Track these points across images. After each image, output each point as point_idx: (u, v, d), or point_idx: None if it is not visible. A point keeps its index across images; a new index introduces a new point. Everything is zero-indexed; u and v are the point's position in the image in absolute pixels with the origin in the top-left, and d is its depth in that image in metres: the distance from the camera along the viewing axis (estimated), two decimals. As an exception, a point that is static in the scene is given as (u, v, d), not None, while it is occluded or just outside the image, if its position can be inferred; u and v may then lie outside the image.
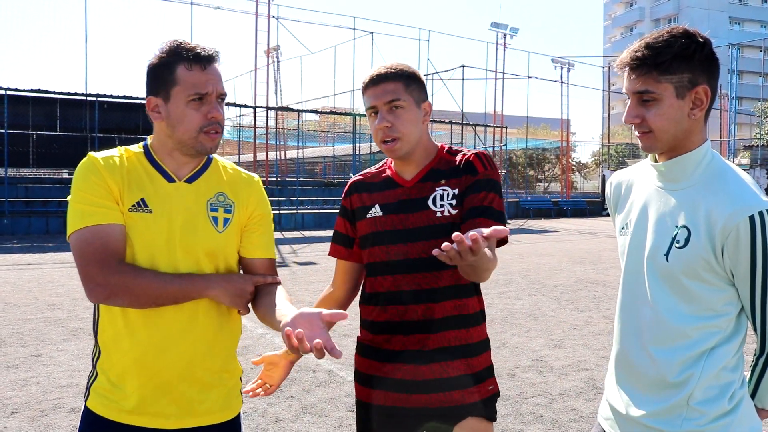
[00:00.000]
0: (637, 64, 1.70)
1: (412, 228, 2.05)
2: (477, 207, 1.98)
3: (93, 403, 1.88)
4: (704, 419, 1.70)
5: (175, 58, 1.85)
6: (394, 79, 2.03)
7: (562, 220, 31.90)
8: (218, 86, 1.86)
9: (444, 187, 2.06)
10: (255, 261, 1.99)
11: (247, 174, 2.07)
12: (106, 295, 1.77)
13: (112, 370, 1.86)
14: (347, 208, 2.23)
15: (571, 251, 16.57)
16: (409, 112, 2.04)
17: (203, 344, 1.89)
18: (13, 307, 8.46)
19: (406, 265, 2.05)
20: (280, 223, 23.00)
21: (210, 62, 1.86)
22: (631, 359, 1.84)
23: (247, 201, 2.00)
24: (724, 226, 1.64)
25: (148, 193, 1.86)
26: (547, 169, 58.39)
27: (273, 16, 28.39)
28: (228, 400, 1.97)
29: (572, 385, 5.48)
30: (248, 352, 6.37)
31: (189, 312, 1.85)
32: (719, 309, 1.71)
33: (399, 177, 2.14)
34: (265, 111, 27.45)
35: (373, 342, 2.13)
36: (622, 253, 1.91)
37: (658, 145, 1.75)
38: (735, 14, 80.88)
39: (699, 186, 1.73)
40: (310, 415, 4.69)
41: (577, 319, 8.17)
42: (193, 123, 1.84)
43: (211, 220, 1.91)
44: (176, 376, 1.86)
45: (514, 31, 37.95)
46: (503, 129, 33.90)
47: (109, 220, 1.80)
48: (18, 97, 21.10)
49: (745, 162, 37.75)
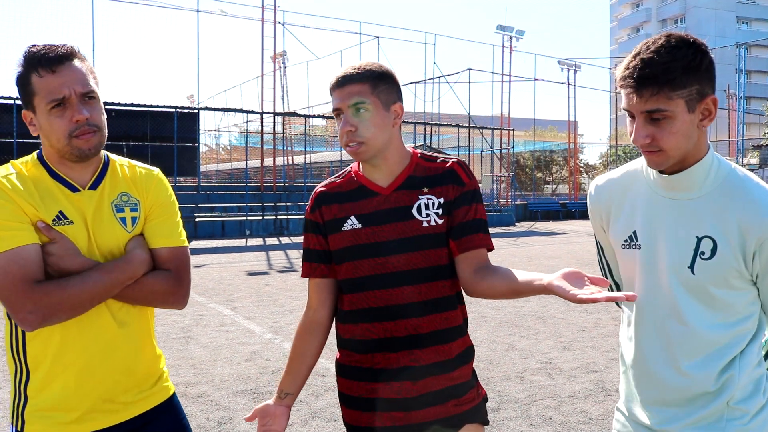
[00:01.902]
0: (645, 83, 1.58)
1: (399, 239, 1.96)
2: (469, 222, 1.98)
3: (33, 428, 1.80)
4: (747, 417, 1.70)
5: (27, 67, 1.77)
6: (359, 80, 1.93)
7: (570, 222, 31.81)
8: (76, 86, 1.76)
9: (428, 195, 1.99)
10: (160, 250, 1.93)
11: (145, 168, 2.03)
12: (41, 319, 1.69)
13: (49, 391, 1.80)
14: (318, 223, 2.06)
15: (579, 253, 16.51)
16: (375, 116, 1.94)
17: (140, 338, 1.92)
18: None
19: (394, 279, 1.95)
20: (288, 228, 23.04)
21: (60, 63, 1.76)
22: (659, 377, 1.77)
23: (147, 194, 1.97)
24: (761, 235, 1.62)
25: (63, 205, 1.81)
26: (555, 171, 58.29)
27: (279, 22, 28.47)
28: (165, 378, 2.05)
29: (581, 387, 5.46)
30: (257, 357, 6.39)
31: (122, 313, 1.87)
32: (745, 311, 1.71)
33: (373, 184, 2.02)
34: (272, 117, 27.53)
35: (360, 362, 2.01)
36: (628, 267, 1.84)
37: (668, 163, 1.68)
38: (742, 14, 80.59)
39: (716, 194, 1.68)
40: (319, 420, 4.69)
41: (585, 321, 8.14)
42: (60, 131, 1.77)
43: (119, 221, 1.89)
44: (123, 377, 1.88)
45: (520, 34, 37.93)
46: (510, 131, 33.87)
47: (21, 242, 1.71)
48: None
49: (754, 162, 37.55)
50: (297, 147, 40.60)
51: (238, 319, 8.25)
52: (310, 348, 2.10)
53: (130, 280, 1.83)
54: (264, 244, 19.40)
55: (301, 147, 38.34)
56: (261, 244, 19.37)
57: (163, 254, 1.93)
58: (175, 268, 1.93)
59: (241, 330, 7.64)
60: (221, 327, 7.75)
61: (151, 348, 2.00)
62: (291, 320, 8.15)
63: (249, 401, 5.10)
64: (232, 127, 47.89)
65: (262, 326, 7.85)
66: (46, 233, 1.76)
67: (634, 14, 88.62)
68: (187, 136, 23.58)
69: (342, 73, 1.96)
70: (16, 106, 19.68)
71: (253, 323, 8.01)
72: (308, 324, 2.11)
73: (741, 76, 37.72)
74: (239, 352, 6.62)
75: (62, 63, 1.77)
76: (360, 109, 1.92)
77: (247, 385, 5.53)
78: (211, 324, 7.87)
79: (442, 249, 1.98)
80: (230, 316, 8.43)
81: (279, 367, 6.05)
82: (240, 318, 8.30)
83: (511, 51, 37.48)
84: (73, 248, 1.78)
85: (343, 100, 1.93)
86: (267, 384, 5.55)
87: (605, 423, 4.62)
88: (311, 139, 37.70)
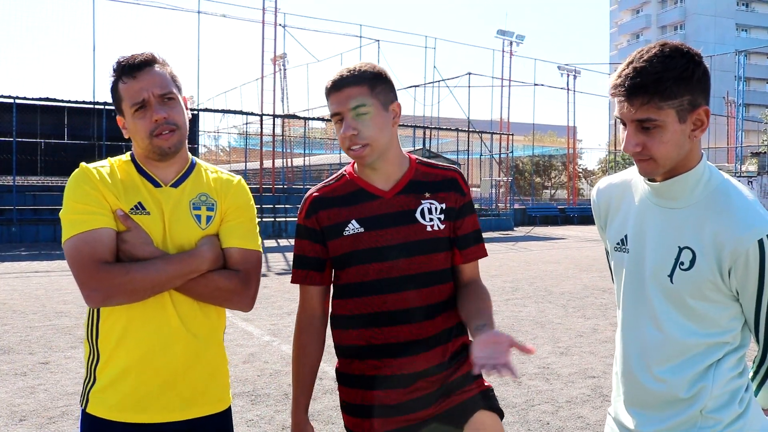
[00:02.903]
0: (636, 92, 1.59)
1: (404, 243, 1.94)
2: (471, 234, 2.06)
3: (95, 408, 1.91)
4: (719, 426, 1.70)
5: (115, 76, 1.94)
6: (357, 83, 1.90)
7: (569, 227, 31.83)
8: (154, 89, 1.90)
9: (430, 200, 1.99)
10: (231, 250, 1.99)
11: (228, 175, 2.12)
12: (102, 298, 1.81)
13: (113, 373, 1.90)
14: (315, 229, 2.01)
15: (577, 258, 16.53)
16: (376, 117, 1.92)
17: (202, 337, 1.96)
18: (21, 314, 8.49)
19: (399, 283, 1.94)
20: (286, 230, 23.03)
21: (140, 69, 1.90)
22: (639, 380, 1.79)
23: (226, 196, 2.04)
24: (733, 250, 1.61)
25: (143, 197, 1.94)
26: (554, 176, 58.29)
27: (279, 25, 28.48)
28: (226, 390, 2.07)
29: (579, 392, 5.47)
30: (255, 360, 6.39)
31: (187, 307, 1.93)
32: (725, 325, 1.71)
33: (373, 187, 2.00)
34: (271, 119, 27.54)
35: (361, 369, 1.99)
36: (618, 270, 1.87)
37: (659, 170, 1.69)
38: (742, 21, 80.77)
39: (701, 205, 1.69)
40: (317, 423, 4.69)
41: (583, 326, 8.15)
42: (142, 132, 1.91)
43: (194, 218, 1.97)
44: (181, 370, 1.92)
45: (521, 39, 37.98)
46: (509, 136, 33.89)
47: (96, 225, 1.84)
48: (26, 106, 21.26)
49: (753, 169, 37.60)
50: (296, 149, 40.61)
51: (236, 321, 8.24)
52: (319, 355, 2.11)
53: (194, 273, 1.89)
54: (262, 246, 19.38)
55: (301, 149, 38.38)
56: (259, 246, 19.35)
57: (234, 255, 1.99)
58: (244, 270, 1.98)
59: (239, 332, 7.63)
60: (219, 329, 7.73)
61: (215, 352, 2.03)
62: (289, 322, 8.15)
63: (246, 403, 5.10)
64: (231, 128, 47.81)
65: (260, 328, 7.85)
66: (123, 222, 1.88)
67: (634, 20, 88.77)
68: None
69: (337, 75, 1.93)
70: (17, 105, 19.70)
71: (251, 325, 8.01)
72: (314, 331, 2.09)
73: (740, 83, 37.80)
74: (237, 354, 6.61)
75: (141, 69, 1.90)
76: (361, 111, 1.90)
77: (245, 387, 5.52)
78: (208, 325, 7.85)
79: (444, 253, 2.01)
80: (228, 317, 8.38)
81: (277, 369, 6.05)
82: (238, 320, 8.30)
83: (511, 56, 37.53)
84: (147, 238, 1.89)
85: (343, 103, 1.90)
86: (264, 386, 5.55)
87: (602, 428, 4.61)
88: (310, 142, 37.73)
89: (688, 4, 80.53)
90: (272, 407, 5.01)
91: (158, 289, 1.86)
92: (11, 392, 5.30)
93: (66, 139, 24.37)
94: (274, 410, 4.95)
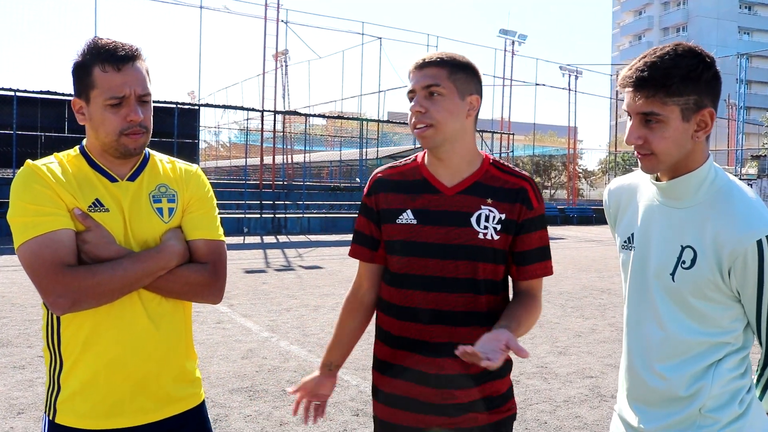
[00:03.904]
0: (643, 85, 1.63)
1: (452, 244, 1.90)
2: (536, 250, 1.97)
3: (64, 417, 1.83)
4: (717, 425, 1.71)
5: (91, 58, 1.80)
6: (437, 65, 1.89)
7: (568, 228, 31.82)
8: (137, 88, 1.81)
9: (491, 207, 1.92)
10: (197, 242, 1.93)
11: (185, 164, 2.06)
12: (70, 303, 1.71)
13: (82, 379, 1.82)
14: (372, 209, 2.02)
15: (576, 258, 16.53)
16: (447, 101, 1.88)
17: (172, 335, 1.91)
18: (19, 307, 8.49)
19: (439, 283, 1.91)
20: (286, 226, 23.04)
21: (126, 62, 1.80)
22: (641, 376, 1.81)
23: (187, 186, 1.98)
24: (732, 250, 1.62)
25: (100, 194, 1.84)
26: (554, 176, 58.30)
27: (282, 21, 28.47)
28: (198, 385, 2.03)
29: (577, 392, 5.47)
30: (254, 356, 6.39)
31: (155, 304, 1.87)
32: (726, 326, 1.72)
33: (437, 180, 1.96)
34: (272, 115, 27.52)
35: (393, 358, 2.00)
36: (625, 268, 1.89)
37: (659, 168, 1.72)
38: (744, 24, 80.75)
39: (704, 205, 1.70)
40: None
41: (582, 326, 8.16)
42: (112, 127, 1.81)
43: (155, 211, 1.90)
44: (154, 370, 1.87)
45: (523, 38, 37.96)
46: (510, 135, 33.89)
47: (54, 227, 1.73)
48: (27, 99, 21.25)
49: (753, 172, 37.64)
50: (297, 146, 40.58)
51: (234, 316, 8.25)
52: (357, 325, 2.13)
53: (163, 270, 1.83)
54: (262, 242, 19.39)
55: (301, 146, 38.31)
56: (259, 242, 19.36)
57: (200, 247, 1.93)
58: (212, 261, 1.93)
59: (238, 328, 7.64)
60: (218, 324, 7.74)
61: (185, 347, 1.98)
62: (287, 319, 8.16)
63: (245, 399, 5.11)
64: (232, 124, 47.88)
65: (259, 324, 7.85)
66: (81, 221, 1.78)
67: (637, 21, 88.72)
68: (187, 132, 23.60)
69: (423, 57, 1.93)
70: (17, 98, 19.69)
71: (250, 321, 8.01)
72: (356, 303, 2.12)
73: (741, 86, 37.78)
74: (235, 349, 6.62)
75: (127, 62, 1.80)
76: (433, 92, 1.88)
77: (243, 382, 5.53)
78: (207, 321, 7.86)
79: (494, 265, 1.94)
80: (227, 313, 8.43)
81: (275, 365, 6.05)
82: (237, 316, 8.30)
83: (512, 55, 37.52)
84: (109, 237, 1.80)
85: (418, 81, 1.89)
86: (263, 382, 5.56)
87: (600, 428, 4.63)
88: (311, 138, 37.69)
89: (691, 6, 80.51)
90: (270, 403, 5.01)
91: (127, 290, 1.77)
92: (9, 385, 5.30)
93: (66, 133, 24.34)
94: (272, 406, 4.95)
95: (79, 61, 1.82)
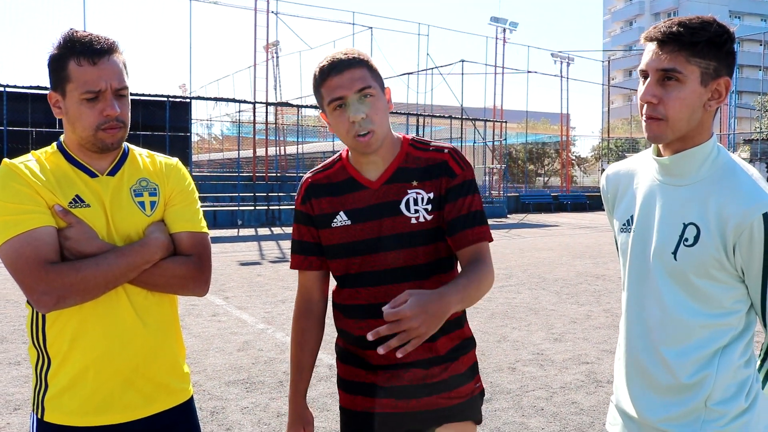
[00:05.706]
0: (669, 40, 1.61)
1: (387, 235, 1.89)
2: (462, 216, 1.88)
3: (53, 415, 1.81)
4: (724, 420, 1.66)
5: (66, 51, 1.78)
6: (359, 65, 1.80)
7: (562, 215, 31.91)
8: (113, 81, 1.78)
9: (417, 189, 1.89)
10: (181, 234, 1.92)
11: (165, 158, 2.04)
12: (55, 301, 1.69)
13: (69, 376, 1.80)
14: (309, 215, 1.99)
15: (571, 245, 16.58)
16: (379, 101, 1.83)
17: (159, 329, 1.89)
18: (14, 304, 8.47)
19: (389, 276, 1.89)
20: (280, 218, 23.01)
21: (102, 56, 1.77)
22: (642, 362, 1.77)
23: (168, 179, 1.97)
24: (737, 224, 1.59)
25: (80, 189, 1.82)
26: (547, 163, 58.38)
27: (272, 12, 28.35)
28: (186, 380, 2.01)
29: (573, 378, 5.50)
30: (250, 347, 6.39)
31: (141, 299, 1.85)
32: (729, 306, 1.68)
33: (363, 177, 1.93)
34: (264, 106, 27.43)
35: (355, 352, 1.99)
36: (623, 251, 1.85)
37: (668, 134, 1.66)
38: (735, 8, 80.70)
39: (707, 182, 1.67)
40: (312, 410, 4.67)
41: (577, 312, 8.18)
42: (88, 121, 1.79)
43: (137, 205, 1.88)
44: (141, 365, 1.85)
45: (514, 26, 37.91)
46: (503, 123, 33.88)
47: (35, 224, 1.72)
48: (17, 94, 21.08)
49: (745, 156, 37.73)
50: (289, 137, 40.48)
51: (230, 309, 8.24)
52: (316, 342, 2.08)
53: (147, 263, 1.81)
54: (256, 234, 19.37)
55: (294, 137, 38.24)
56: (253, 234, 19.34)
57: (184, 239, 1.92)
58: (196, 254, 1.91)
59: (234, 320, 7.63)
60: (213, 317, 7.74)
61: (173, 342, 1.96)
62: (283, 310, 8.16)
63: (241, 391, 5.11)
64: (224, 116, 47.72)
65: (255, 316, 7.85)
66: (62, 217, 1.76)
67: (628, 7, 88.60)
68: (179, 125, 23.45)
69: (335, 58, 1.81)
70: (7, 93, 19.55)
71: (246, 313, 8.01)
72: (312, 318, 2.06)
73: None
74: (231, 341, 6.62)
75: (103, 56, 1.78)
76: (367, 94, 1.80)
77: (240, 374, 5.53)
78: (203, 314, 7.86)
79: (435, 244, 1.92)
80: (222, 306, 8.43)
81: (271, 357, 6.06)
82: (232, 308, 8.30)
83: (504, 43, 37.47)
84: (91, 232, 1.78)
85: (346, 86, 1.78)
86: (259, 374, 5.56)
87: (596, 414, 4.65)
88: (303, 130, 37.58)
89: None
90: (267, 395, 5.02)
91: (112, 285, 1.76)
92: (5, 381, 5.29)
93: (57, 128, 24.19)
94: (269, 398, 4.96)
95: (55, 54, 1.80)
